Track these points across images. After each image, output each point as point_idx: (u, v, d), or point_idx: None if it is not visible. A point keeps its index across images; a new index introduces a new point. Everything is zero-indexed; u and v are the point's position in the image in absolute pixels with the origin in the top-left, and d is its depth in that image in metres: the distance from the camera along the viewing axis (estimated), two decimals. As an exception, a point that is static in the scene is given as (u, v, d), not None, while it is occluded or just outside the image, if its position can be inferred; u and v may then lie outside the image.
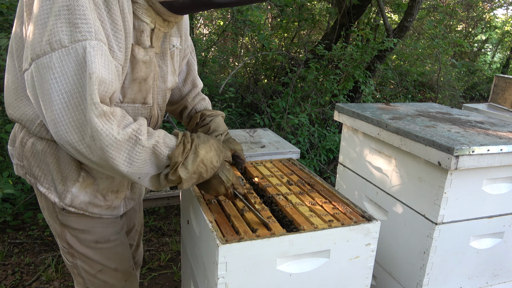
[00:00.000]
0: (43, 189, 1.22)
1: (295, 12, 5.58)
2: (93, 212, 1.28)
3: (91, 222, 1.30)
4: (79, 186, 1.22)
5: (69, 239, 1.31)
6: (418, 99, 7.62)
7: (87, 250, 1.33)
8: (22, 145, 1.21)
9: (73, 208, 1.24)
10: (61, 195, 1.22)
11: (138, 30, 1.13)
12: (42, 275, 2.58)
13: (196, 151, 1.11)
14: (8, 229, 3.02)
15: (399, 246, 1.71)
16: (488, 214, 1.62)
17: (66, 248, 1.34)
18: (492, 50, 14.35)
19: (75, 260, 1.35)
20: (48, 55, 0.93)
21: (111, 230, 1.36)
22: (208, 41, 6.49)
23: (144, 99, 1.23)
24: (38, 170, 1.22)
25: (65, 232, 1.30)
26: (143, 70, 1.17)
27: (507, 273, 1.78)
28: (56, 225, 1.30)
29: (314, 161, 4.15)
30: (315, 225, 1.16)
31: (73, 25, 0.93)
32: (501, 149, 1.47)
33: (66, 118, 0.94)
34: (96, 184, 1.25)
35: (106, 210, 1.30)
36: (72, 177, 1.21)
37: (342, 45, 4.92)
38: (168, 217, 3.45)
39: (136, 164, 1.03)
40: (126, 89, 1.16)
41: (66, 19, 0.93)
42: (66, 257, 1.37)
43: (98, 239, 1.33)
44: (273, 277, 1.12)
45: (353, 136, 2.03)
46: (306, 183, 1.51)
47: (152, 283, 2.60)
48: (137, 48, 1.12)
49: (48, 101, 0.94)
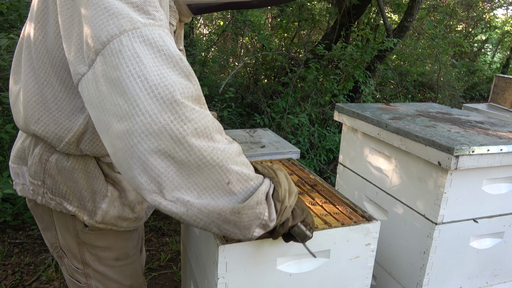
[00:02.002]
0: (72, 208, 1.13)
1: (295, 12, 5.58)
2: (121, 226, 1.21)
3: (114, 238, 1.24)
4: (108, 201, 1.14)
5: (87, 258, 1.23)
6: (418, 99, 7.62)
7: (105, 269, 1.26)
8: (42, 162, 1.10)
9: (103, 225, 1.16)
10: (91, 213, 1.13)
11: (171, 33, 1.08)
12: (42, 275, 2.58)
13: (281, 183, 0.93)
14: (8, 229, 3.02)
15: (399, 246, 1.71)
16: (488, 214, 1.62)
17: (81, 269, 1.26)
18: (492, 50, 14.35)
19: (89, 280, 1.27)
20: (117, 39, 0.78)
21: (131, 245, 1.31)
22: (208, 41, 6.49)
23: None
24: (66, 188, 1.11)
25: (83, 251, 1.23)
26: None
27: (507, 273, 1.78)
28: (72, 245, 1.22)
29: (314, 161, 4.15)
30: (315, 225, 1.16)
31: (144, 12, 0.83)
32: (501, 149, 1.47)
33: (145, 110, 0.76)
34: (123, 197, 1.18)
35: (134, 222, 1.25)
36: (101, 192, 1.13)
37: (342, 45, 4.92)
38: (168, 217, 3.46)
39: (232, 163, 0.85)
40: None
41: (135, 5, 0.82)
42: (78, 278, 1.28)
43: (118, 255, 1.27)
44: (273, 277, 1.12)
45: (353, 136, 2.03)
46: (306, 183, 1.51)
47: (152, 283, 2.60)
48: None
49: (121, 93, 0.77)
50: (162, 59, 0.79)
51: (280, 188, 0.90)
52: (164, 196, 0.81)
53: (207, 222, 0.84)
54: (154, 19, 0.83)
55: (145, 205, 1.27)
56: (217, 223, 0.84)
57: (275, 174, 0.92)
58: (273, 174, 0.92)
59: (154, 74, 0.77)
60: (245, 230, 0.87)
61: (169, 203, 0.81)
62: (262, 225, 0.87)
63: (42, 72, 1.00)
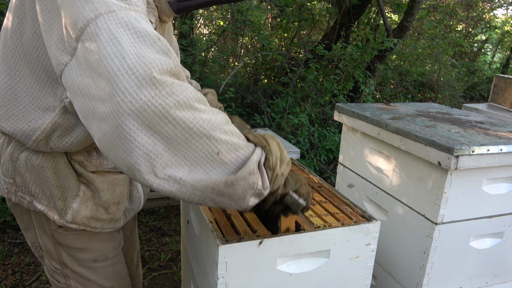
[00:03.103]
0: (42, 206, 1.13)
1: (295, 12, 5.58)
2: (95, 227, 1.20)
3: (90, 239, 1.22)
4: (80, 200, 1.13)
5: (65, 259, 1.22)
6: (418, 99, 7.62)
7: (84, 270, 1.25)
8: (12, 160, 1.10)
9: (74, 225, 1.15)
10: (61, 212, 1.12)
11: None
12: (42, 275, 2.58)
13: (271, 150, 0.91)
14: (8, 229, 3.02)
15: (399, 246, 1.71)
16: (488, 214, 1.62)
17: (59, 269, 1.25)
18: (492, 50, 14.34)
19: (68, 281, 1.26)
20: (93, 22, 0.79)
21: (110, 246, 1.29)
22: (208, 41, 6.49)
23: None
24: (35, 187, 1.11)
25: (60, 251, 1.21)
26: None
27: (507, 273, 1.78)
28: (49, 245, 1.21)
29: (314, 161, 4.15)
30: (315, 225, 1.16)
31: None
32: (501, 149, 1.47)
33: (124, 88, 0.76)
34: (97, 197, 1.16)
35: (108, 223, 1.23)
36: (72, 191, 1.12)
37: (342, 45, 4.92)
38: (168, 217, 3.46)
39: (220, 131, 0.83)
40: None
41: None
42: (57, 278, 1.27)
43: (96, 257, 1.26)
44: (273, 277, 1.12)
45: (353, 136, 2.03)
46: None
47: (152, 283, 2.60)
48: None
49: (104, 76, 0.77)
50: (139, 39, 0.79)
51: (271, 156, 0.88)
52: (156, 175, 0.80)
53: (201, 197, 0.84)
54: (130, 4, 0.84)
55: (122, 207, 1.25)
56: (211, 197, 0.83)
57: (267, 143, 0.90)
58: (264, 142, 0.90)
59: (131, 53, 0.77)
60: (240, 200, 0.86)
61: (161, 181, 0.80)
62: (256, 194, 0.87)
63: (16, 69, 1.00)
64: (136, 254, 1.58)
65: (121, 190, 1.22)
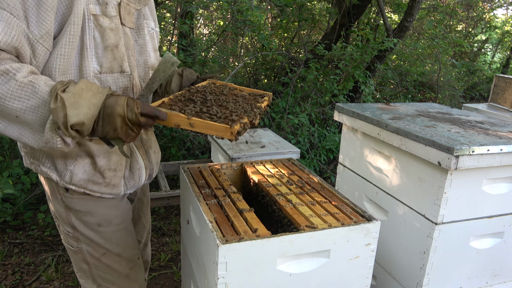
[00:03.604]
0: (45, 168, 1.28)
1: (295, 12, 5.58)
2: (92, 190, 1.32)
3: (93, 204, 1.35)
4: (77, 164, 1.28)
5: (74, 222, 1.36)
6: (418, 99, 7.62)
7: (91, 233, 1.37)
8: None
9: (73, 186, 1.29)
10: (61, 174, 1.27)
11: (102, 3, 1.22)
12: (42, 275, 2.58)
13: (75, 83, 1.07)
14: (8, 229, 3.02)
15: (399, 246, 1.71)
16: (488, 214, 1.62)
17: (71, 233, 1.38)
18: (492, 50, 14.34)
19: (79, 244, 1.39)
20: None
21: (114, 213, 1.41)
22: (208, 41, 6.49)
23: (120, 67, 1.28)
24: (39, 152, 1.28)
25: (70, 215, 1.35)
26: (112, 37, 1.23)
27: (507, 273, 1.78)
28: (61, 209, 1.35)
29: (314, 161, 4.15)
30: (315, 225, 1.16)
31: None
32: (501, 149, 1.47)
33: None
34: (94, 163, 1.30)
35: (106, 187, 1.34)
36: (70, 156, 1.26)
37: (342, 45, 4.92)
38: (168, 217, 3.46)
39: (9, 99, 1.02)
40: (101, 59, 1.23)
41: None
42: (71, 242, 1.40)
43: (100, 221, 1.37)
44: (273, 277, 1.12)
45: (353, 136, 2.03)
46: (306, 183, 1.51)
47: (152, 283, 2.60)
48: (102, 17, 1.21)
49: None
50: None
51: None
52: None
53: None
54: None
55: (119, 174, 1.36)
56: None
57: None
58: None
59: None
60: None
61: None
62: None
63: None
64: (146, 234, 1.71)
65: (118, 159, 1.35)
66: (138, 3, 1.35)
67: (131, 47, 1.34)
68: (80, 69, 1.20)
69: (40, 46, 1.10)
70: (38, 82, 1.04)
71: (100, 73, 1.23)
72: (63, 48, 1.14)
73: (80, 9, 1.15)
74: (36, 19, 1.08)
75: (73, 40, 1.15)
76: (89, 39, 1.20)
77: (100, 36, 1.21)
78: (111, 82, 1.27)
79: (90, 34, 1.20)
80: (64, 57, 1.15)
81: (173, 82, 1.55)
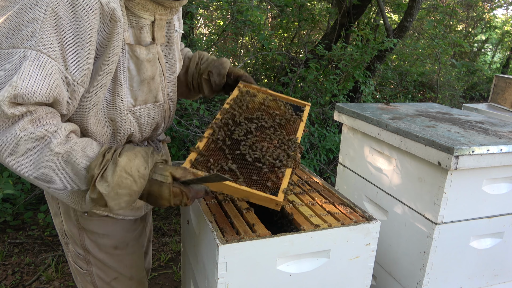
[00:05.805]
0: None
1: (295, 12, 5.57)
2: (117, 213, 1.26)
3: (113, 225, 1.28)
4: None
5: (88, 244, 1.28)
6: (418, 99, 7.62)
7: (105, 256, 1.30)
8: None
9: (98, 210, 1.22)
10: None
11: (136, 27, 1.10)
12: (42, 275, 2.58)
13: (116, 160, 0.97)
14: (8, 229, 3.02)
15: (399, 246, 1.71)
16: (488, 214, 1.62)
17: (82, 255, 1.31)
18: (492, 50, 14.34)
19: (90, 267, 1.32)
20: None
21: (131, 235, 1.35)
22: (208, 41, 6.48)
23: (155, 98, 1.22)
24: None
25: (83, 236, 1.27)
26: (149, 69, 1.15)
27: (507, 273, 1.78)
28: (74, 230, 1.27)
29: (314, 161, 4.14)
30: (315, 225, 1.16)
31: (17, 30, 0.89)
32: (501, 149, 1.47)
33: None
34: None
35: (130, 211, 1.29)
36: None
37: (342, 45, 4.92)
38: (168, 217, 3.46)
39: (43, 170, 0.94)
40: (137, 92, 1.15)
41: (13, 21, 0.89)
42: (80, 264, 1.33)
43: (117, 244, 1.31)
44: (273, 277, 1.12)
45: (353, 136, 2.03)
46: (306, 183, 1.51)
47: (152, 283, 2.60)
48: (138, 48, 1.10)
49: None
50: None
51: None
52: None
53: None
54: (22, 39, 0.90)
55: None
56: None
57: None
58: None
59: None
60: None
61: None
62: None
63: None
64: (146, 242, 1.64)
65: None
66: (170, 13, 1.19)
67: (164, 70, 1.26)
68: (113, 103, 1.11)
69: (79, 88, 1.00)
70: (75, 153, 0.95)
71: (133, 106, 1.16)
72: (98, 86, 1.04)
73: (119, 44, 1.02)
74: (75, 59, 0.96)
75: (109, 77, 1.05)
76: (123, 71, 1.09)
77: (136, 68, 1.11)
78: (144, 113, 1.20)
79: (125, 66, 1.09)
80: (98, 96, 1.05)
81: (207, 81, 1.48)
